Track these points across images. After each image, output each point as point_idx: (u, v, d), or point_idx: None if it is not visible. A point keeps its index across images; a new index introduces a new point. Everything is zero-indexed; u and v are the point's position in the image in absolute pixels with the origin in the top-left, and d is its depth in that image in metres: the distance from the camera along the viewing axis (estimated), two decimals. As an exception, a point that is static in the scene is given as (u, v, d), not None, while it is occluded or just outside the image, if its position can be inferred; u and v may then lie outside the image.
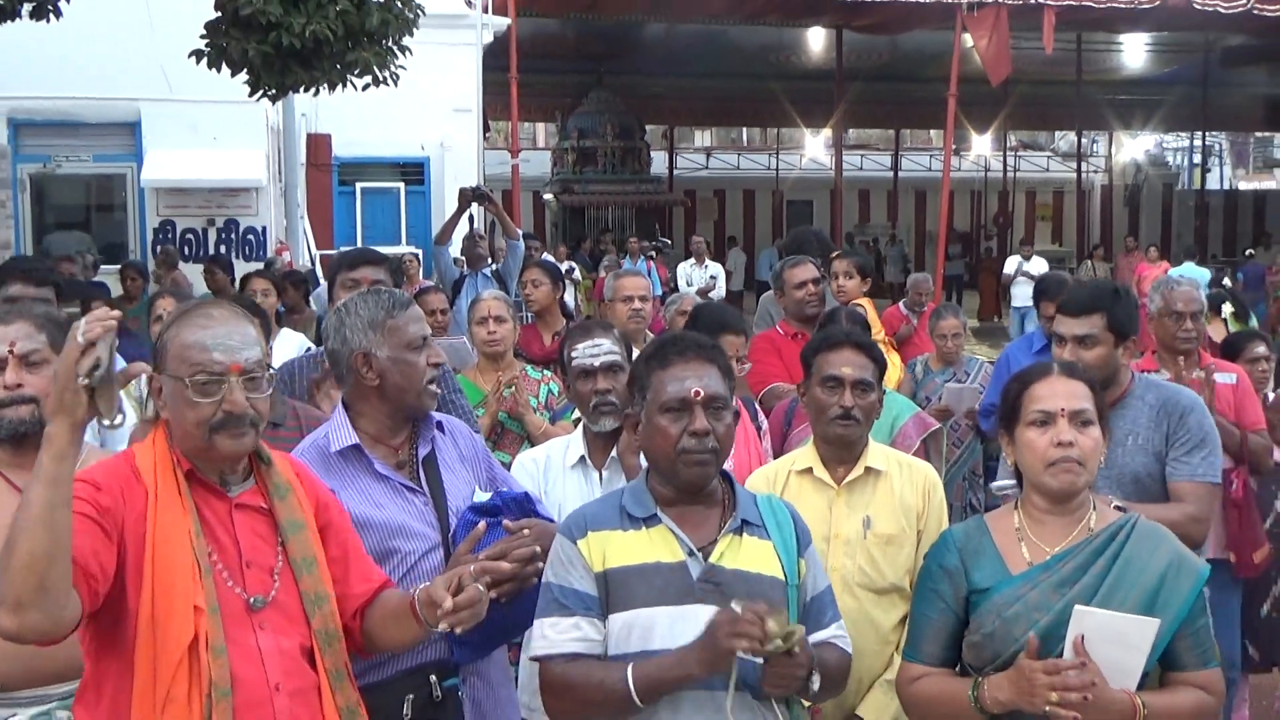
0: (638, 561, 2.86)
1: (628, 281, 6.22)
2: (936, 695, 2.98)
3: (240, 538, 2.63)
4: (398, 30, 10.42)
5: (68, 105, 16.43)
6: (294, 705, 2.56)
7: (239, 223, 17.29)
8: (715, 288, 16.93)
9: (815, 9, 21.03)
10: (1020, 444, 3.00)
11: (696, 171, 35.78)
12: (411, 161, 20.20)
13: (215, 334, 2.58)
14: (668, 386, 2.90)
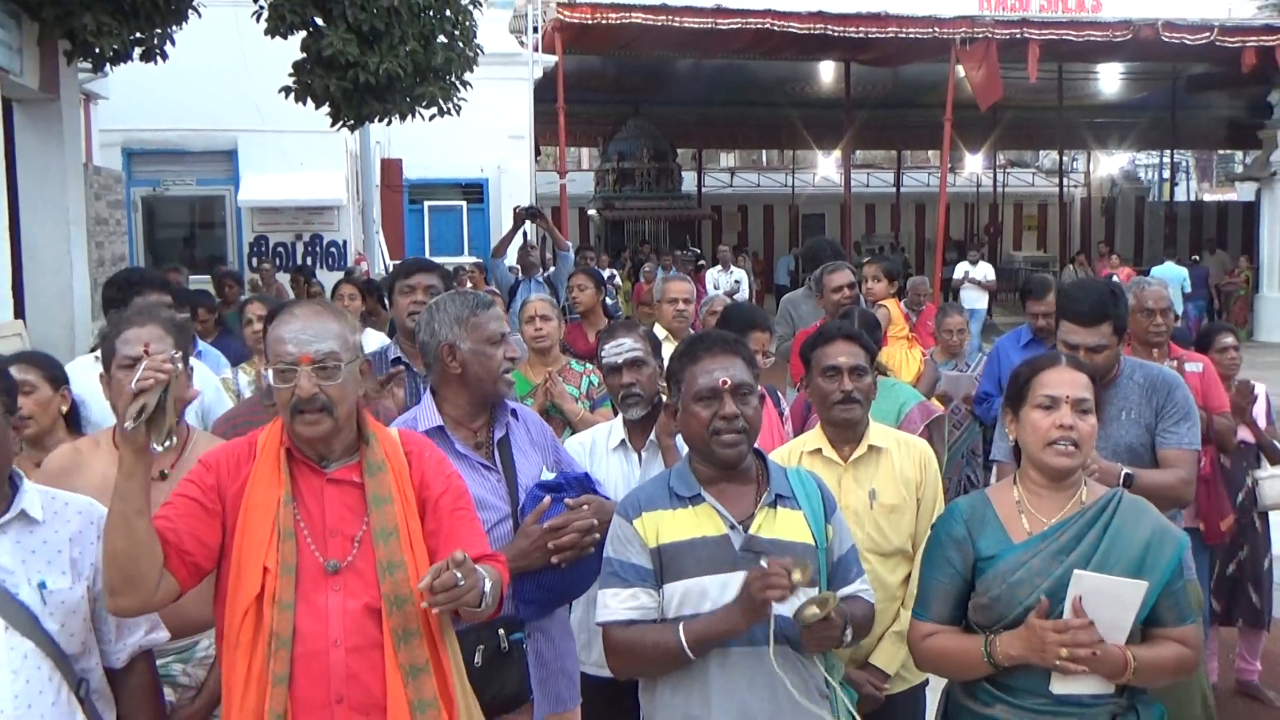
0: (686, 537, 2.88)
1: (674, 286, 6.24)
2: (948, 649, 2.95)
3: (328, 508, 2.65)
4: (460, 67, 10.45)
5: (174, 136, 16.55)
6: (350, 659, 2.56)
7: (323, 237, 17.39)
8: (739, 290, 16.88)
9: (826, 45, 20.93)
10: (1025, 424, 2.97)
11: (722, 189, 35.78)
12: (472, 182, 20.28)
13: (292, 329, 2.66)
14: (699, 379, 2.93)
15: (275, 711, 2.47)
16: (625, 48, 21.02)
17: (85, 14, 7.85)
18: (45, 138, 9.47)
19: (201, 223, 17.78)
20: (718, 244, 24.07)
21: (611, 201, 27.47)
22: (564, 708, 3.35)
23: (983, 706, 2.92)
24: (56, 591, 2.60)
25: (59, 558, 2.64)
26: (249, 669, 2.50)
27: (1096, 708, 2.82)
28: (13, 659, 2.53)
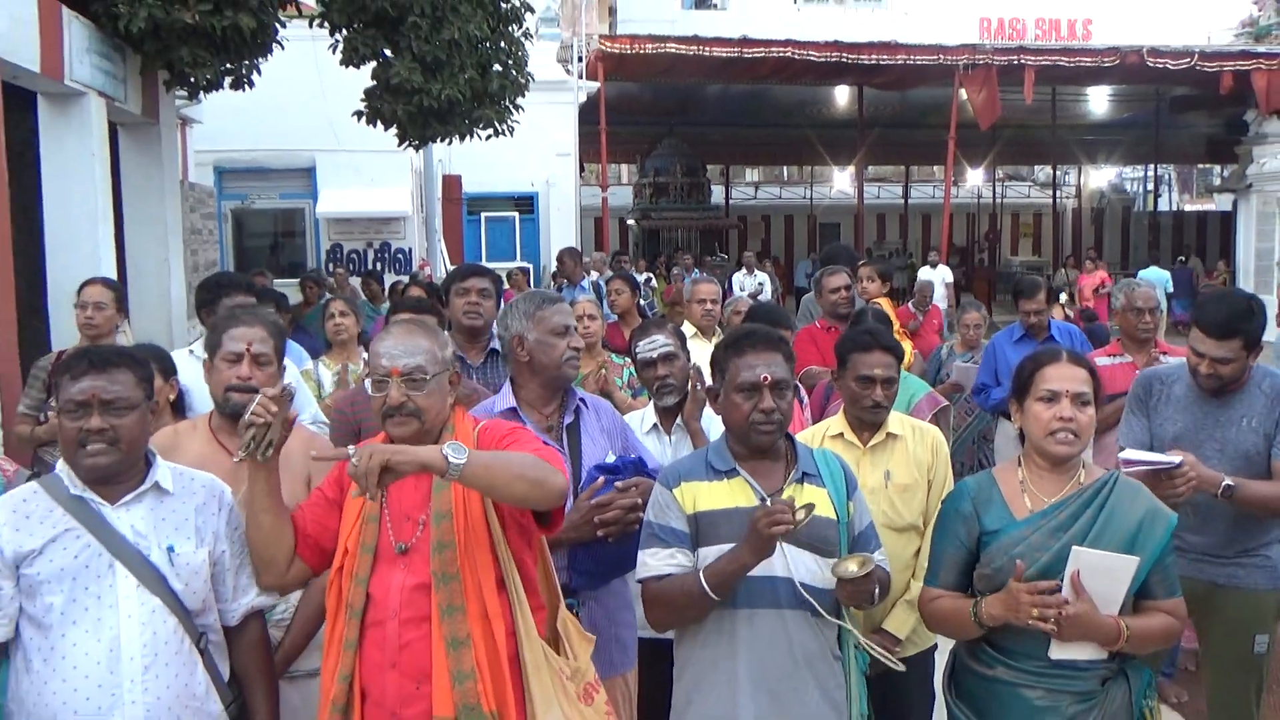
0: (721, 506, 2.87)
1: (702, 287, 6.19)
2: (948, 611, 2.95)
3: (404, 496, 2.68)
4: (513, 93, 10.46)
5: (259, 155, 16.67)
6: (404, 630, 2.60)
7: (391, 244, 17.47)
8: (763, 291, 16.81)
9: (841, 71, 20.84)
10: (1028, 414, 2.94)
11: (747, 201, 35.70)
12: (524, 195, 20.30)
13: (387, 344, 2.72)
14: (742, 372, 2.91)
15: (344, 672, 2.55)
16: (660, 75, 21.01)
17: (182, 47, 7.91)
18: (146, 158, 9.55)
19: (283, 232, 17.92)
20: (743, 250, 23.97)
21: (648, 212, 27.44)
22: (615, 671, 3.32)
23: (985, 668, 2.91)
24: (182, 555, 2.64)
25: (185, 525, 2.68)
26: (333, 634, 2.60)
27: (1090, 672, 2.81)
28: (142, 613, 2.56)
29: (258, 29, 8.21)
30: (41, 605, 2.53)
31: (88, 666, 2.51)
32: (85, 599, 2.53)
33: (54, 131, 7.56)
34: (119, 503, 2.61)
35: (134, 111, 8.77)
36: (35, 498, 2.61)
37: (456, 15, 9.58)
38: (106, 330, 5.21)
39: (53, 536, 2.55)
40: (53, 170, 7.58)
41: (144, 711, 2.52)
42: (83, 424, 2.54)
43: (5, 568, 2.53)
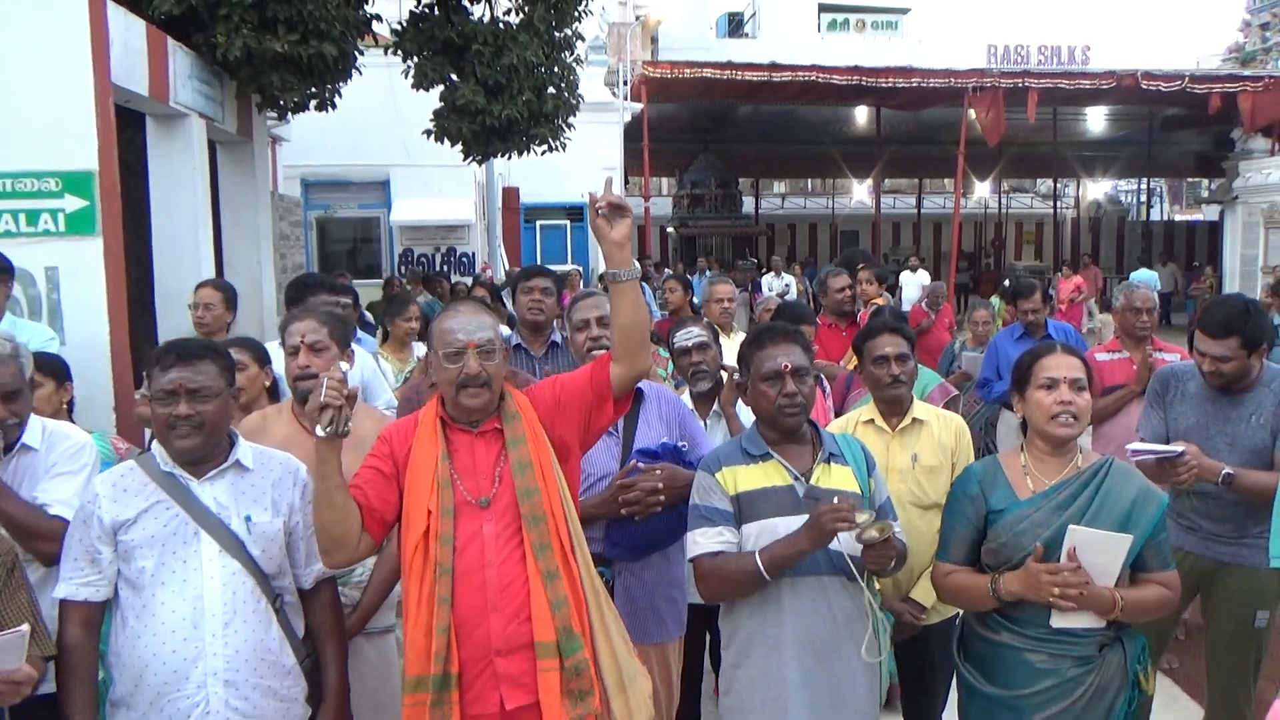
0: (759, 486, 2.86)
1: (718, 288, 6.09)
2: (963, 585, 2.92)
3: (477, 457, 2.66)
4: (565, 113, 10.46)
5: (340, 169, 16.81)
6: (501, 573, 2.57)
7: (456, 249, 17.56)
8: (789, 291, 16.72)
9: (861, 93, 20.74)
10: (1030, 402, 2.91)
11: (774, 210, 35.51)
12: (574, 205, 20.30)
13: (459, 321, 2.68)
14: (765, 363, 2.92)
15: (440, 626, 2.48)
16: (697, 97, 20.98)
17: (273, 73, 7.97)
18: (241, 172, 9.64)
19: (361, 238, 18.06)
20: (771, 255, 23.87)
21: (686, 221, 27.41)
22: (649, 640, 3.25)
23: (992, 634, 2.89)
24: (259, 524, 2.65)
25: (263, 498, 2.69)
26: (420, 592, 2.52)
27: (1088, 638, 2.77)
28: (223, 574, 2.58)
29: (339, 56, 8.26)
30: (135, 568, 2.56)
31: (175, 622, 2.54)
32: (173, 562, 2.56)
33: (161, 149, 7.64)
34: (204, 478, 2.64)
35: (230, 131, 8.85)
36: (131, 473, 2.65)
37: (515, 44, 9.59)
38: (216, 327, 5.25)
39: (145, 507, 2.58)
40: (160, 183, 7.66)
41: (224, 663, 2.55)
42: (171, 410, 2.57)
43: (105, 534, 2.57)
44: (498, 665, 2.54)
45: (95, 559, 2.57)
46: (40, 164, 5.77)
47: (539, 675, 2.53)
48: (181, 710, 2.52)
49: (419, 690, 2.49)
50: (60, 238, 5.83)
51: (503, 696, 2.53)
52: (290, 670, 2.68)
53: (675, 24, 25.83)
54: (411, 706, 2.49)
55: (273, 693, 2.62)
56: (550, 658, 2.54)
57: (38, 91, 5.74)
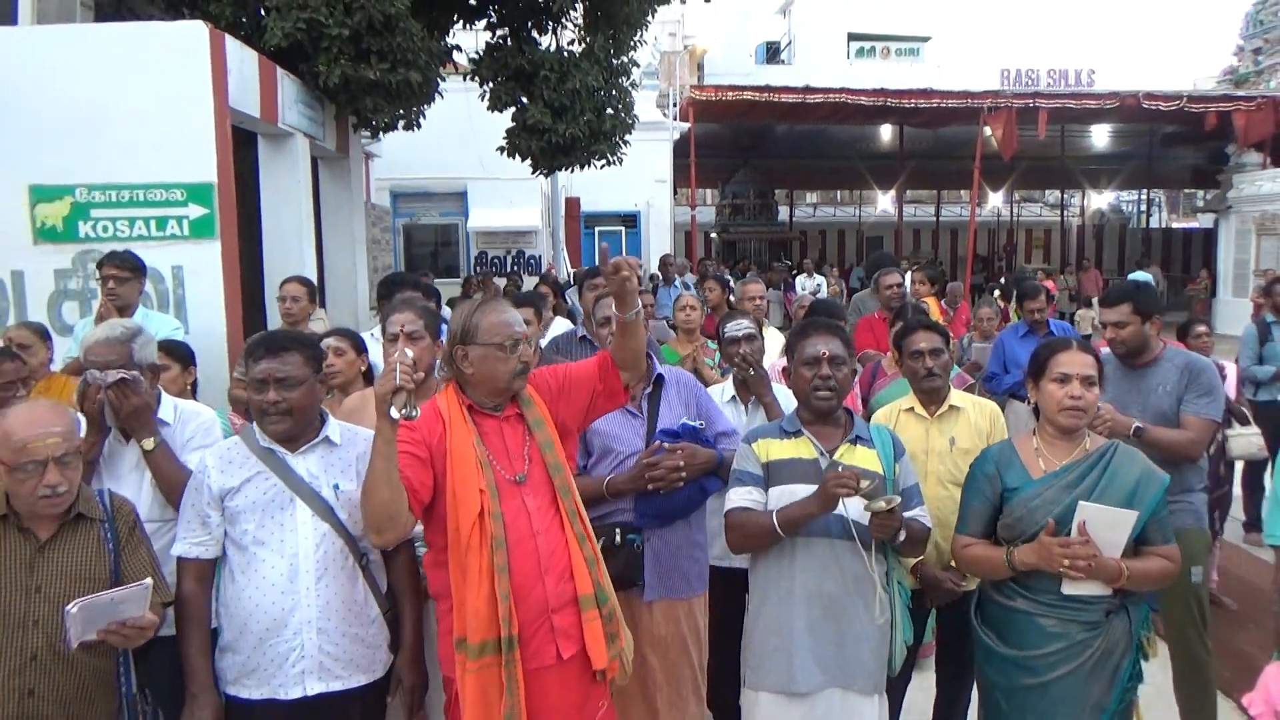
0: (788, 457, 2.87)
1: (750, 287, 6.02)
2: (980, 556, 2.87)
3: (506, 438, 2.64)
4: (622, 131, 10.42)
5: (424, 182, 16.95)
6: (546, 540, 2.56)
7: (525, 252, 17.62)
8: (821, 291, 16.55)
9: (885, 113, 20.44)
10: (1043, 392, 2.85)
11: (807, 218, 35.22)
12: (629, 213, 20.30)
13: (511, 315, 2.66)
14: (806, 349, 2.92)
15: (503, 592, 2.46)
16: (738, 117, 20.82)
17: (366, 97, 8.03)
18: (339, 184, 9.73)
19: (442, 242, 18.19)
20: (803, 258, 23.66)
21: (727, 227, 27.29)
22: (677, 595, 3.22)
23: (1007, 600, 2.83)
24: (345, 492, 2.66)
25: (349, 469, 2.70)
26: (479, 565, 2.47)
27: (1095, 605, 2.71)
28: (315, 536, 2.61)
29: (424, 83, 8.29)
30: (240, 530, 2.60)
31: (274, 577, 2.57)
32: (272, 525, 2.60)
33: (270, 164, 7.73)
34: (298, 451, 2.66)
35: (330, 148, 8.94)
36: (236, 446, 2.68)
37: (578, 70, 9.57)
38: (301, 318, 5.29)
39: (248, 477, 2.62)
40: (269, 194, 7.76)
41: (316, 613, 2.58)
42: (264, 397, 2.59)
43: (214, 500, 2.61)
44: (554, 621, 2.54)
45: (205, 521, 2.61)
46: (168, 177, 5.87)
47: (584, 625, 2.56)
48: (281, 653, 2.56)
49: (484, 654, 2.45)
50: (184, 241, 5.93)
51: (559, 648, 2.54)
52: (374, 620, 2.70)
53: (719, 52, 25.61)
54: (478, 671, 2.45)
55: (359, 639, 2.65)
56: (592, 608, 2.58)
57: (167, 114, 5.84)
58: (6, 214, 5.75)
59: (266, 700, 2.57)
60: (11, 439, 2.34)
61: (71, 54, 5.82)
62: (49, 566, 2.41)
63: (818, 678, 2.80)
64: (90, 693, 2.44)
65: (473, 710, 2.45)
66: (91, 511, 2.50)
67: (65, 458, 2.38)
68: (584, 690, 2.60)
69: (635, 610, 3.13)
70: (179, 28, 6.03)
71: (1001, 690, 2.84)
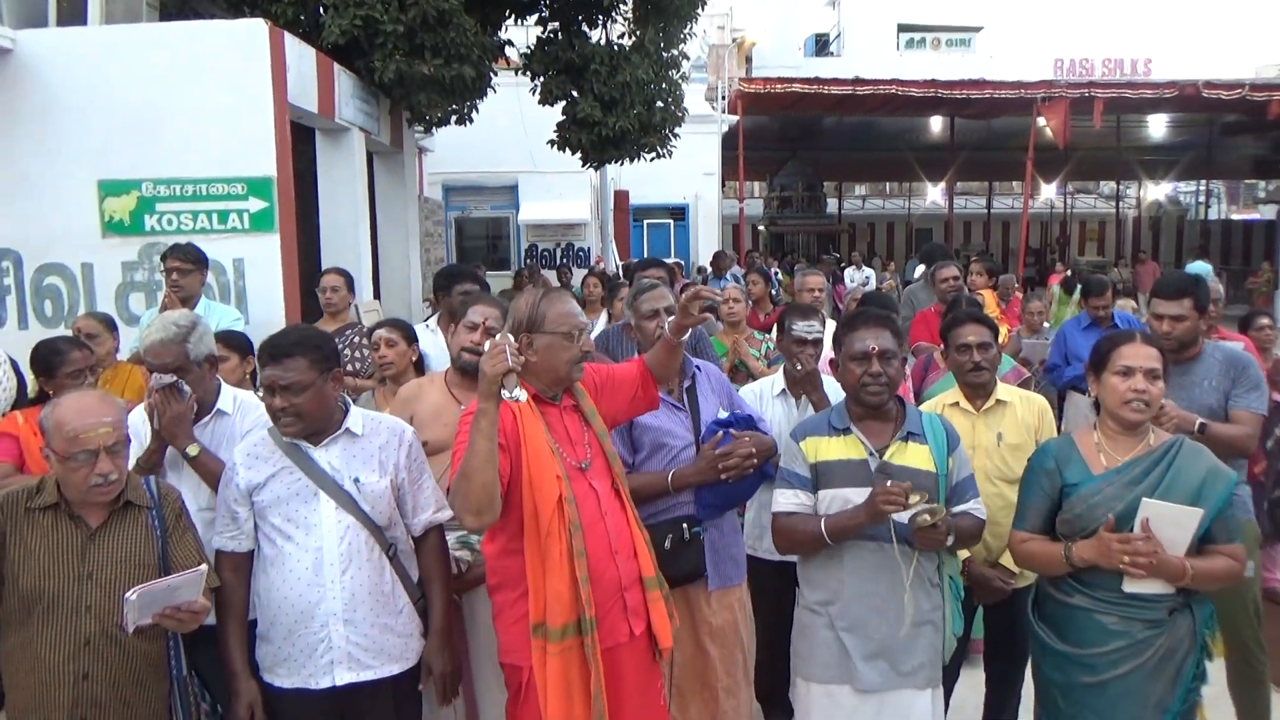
0: (837, 457, 2.79)
1: (810, 279, 6.00)
2: (1038, 552, 2.79)
3: (569, 427, 2.65)
4: (671, 124, 10.38)
5: (476, 176, 17.05)
6: (614, 521, 2.60)
7: (574, 245, 17.67)
8: (869, 283, 16.34)
9: (936, 104, 20.07)
10: (1105, 386, 2.74)
11: (856, 210, 34.78)
12: (677, 206, 20.23)
13: (573, 306, 2.68)
14: (855, 344, 2.84)
15: (583, 575, 2.47)
16: (787, 109, 20.58)
17: (420, 93, 8.09)
18: (393, 178, 9.83)
19: (493, 235, 18.30)
20: (852, 251, 23.38)
21: (775, 220, 27.05)
22: (729, 583, 3.24)
23: (1065, 596, 2.75)
24: (367, 484, 2.66)
25: (370, 460, 2.69)
26: (560, 550, 2.48)
27: (1158, 603, 2.62)
28: (339, 528, 2.61)
29: (477, 77, 8.34)
30: (268, 524, 2.63)
31: (300, 570, 2.59)
32: (297, 518, 2.61)
33: (327, 158, 7.83)
34: (320, 445, 2.66)
35: (385, 142, 9.03)
36: (263, 442, 2.69)
37: (628, 64, 9.55)
38: (341, 307, 5.38)
39: (274, 472, 2.63)
40: (326, 187, 7.86)
41: (342, 605, 2.59)
42: (271, 403, 2.59)
43: (241, 496, 2.63)
44: (625, 599, 2.58)
45: (235, 516, 2.64)
46: (229, 171, 5.97)
47: (650, 605, 2.61)
48: (310, 644, 2.58)
49: (566, 637, 2.46)
50: (245, 234, 6.02)
51: (630, 625, 2.58)
52: (403, 609, 2.70)
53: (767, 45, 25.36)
54: (560, 654, 2.46)
55: (388, 629, 2.66)
56: (655, 589, 2.63)
57: (228, 110, 5.94)
58: (77, 208, 5.90)
59: (298, 689, 2.60)
60: (64, 429, 2.37)
61: (137, 53, 5.94)
62: (100, 553, 2.45)
63: (873, 675, 2.75)
64: (142, 676, 2.48)
65: (555, 693, 2.46)
66: (139, 499, 2.54)
67: (115, 447, 2.42)
68: (648, 669, 2.66)
69: (695, 602, 3.13)
70: (240, 26, 6.12)
71: (1059, 687, 2.77)
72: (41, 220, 5.91)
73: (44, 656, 2.37)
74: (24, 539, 2.41)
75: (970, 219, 32.57)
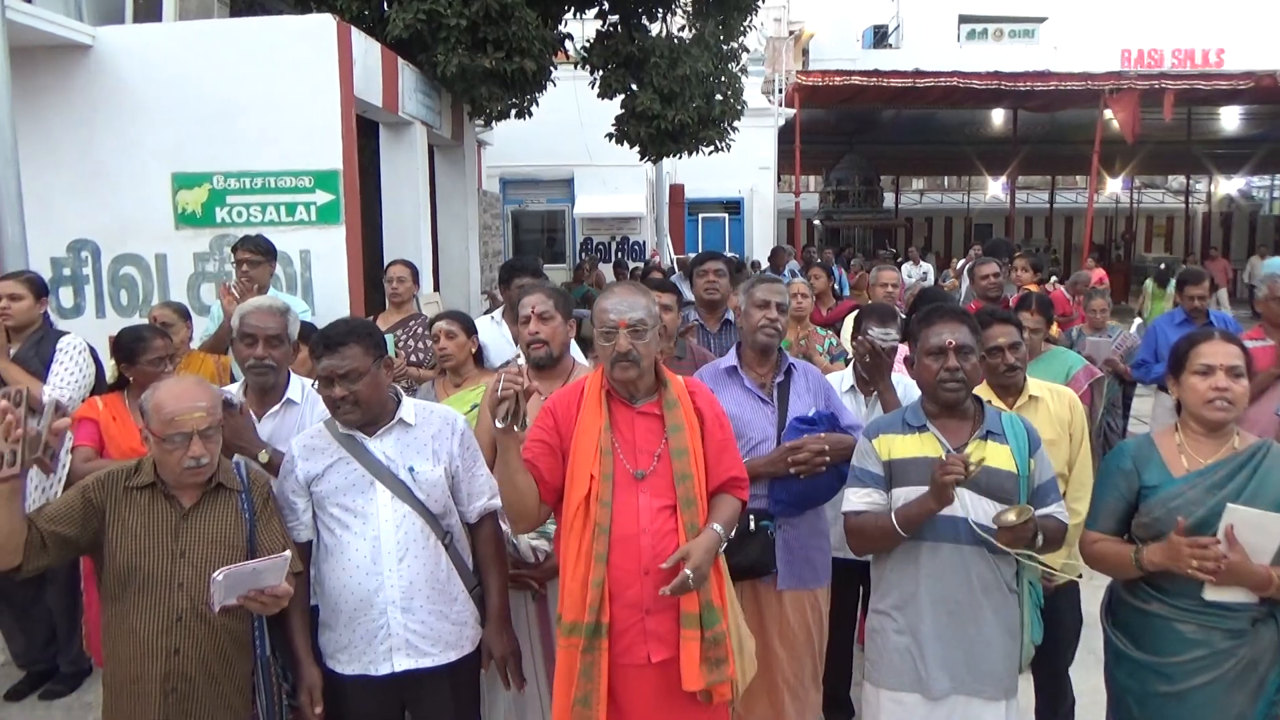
0: (912, 455, 2.71)
1: (885, 274, 5.91)
2: (1109, 553, 2.70)
3: (637, 432, 2.59)
4: (731, 117, 10.33)
5: (532, 169, 17.13)
6: (654, 543, 2.51)
7: (629, 239, 17.68)
8: (926, 278, 16.11)
9: (999, 97, 19.60)
10: (1185, 386, 2.64)
11: (913, 205, 34.21)
12: (732, 200, 20.11)
13: (612, 301, 2.61)
14: (931, 339, 2.75)
15: (596, 580, 2.45)
16: (845, 102, 20.29)
17: (481, 86, 8.15)
18: (454, 171, 9.93)
19: (549, 229, 18.39)
20: (908, 246, 23.05)
21: (830, 214, 26.76)
22: (804, 585, 3.17)
23: (1142, 602, 2.66)
24: (421, 473, 2.68)
25: (424, 449, 2.71)
26: (579, 548, 2.48)
27: (1240, 612, 2.52)
28: (395, 517, 2.64)
29: (537, 71, 8.37)
30: (326, 514, 2.66)
31: (358, 559, 2.61)
32: (355, 508, 2.63)
33: (391, 151, 7.93)
34: (375, 435, 2.68)
35: (446, 136, 9.11)
36: (319, 434, 2.72)
37: (689, 56, 9.52)
38: (406, 297, 5.43)
39: (330, 463, 2.66)
40: (389, 181, 7.96)
41: (399, 593, 2.61)
42: (330, 393, 2.62)
43: (299, 487, 2.67)
44: (647, 623, 2.51)
45: (294, 507, 2.69)
46: (297, 164, 6.08)
47: (681, 642, 2.49)
48: (369, 631, 2.62)
49: (572, 635, 2.47)
50: (311, 226, 6.13)
51: (649, 652, 2.51)
52: (458, 597, 2.72)
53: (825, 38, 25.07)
54: (565, 648, 2.49)
55: (445, 617, 2.68)
56: (692, 628, 2.49)
57: (296, 104, 6.04)
58: (153, 200, 6.05)
59: (360, 676, 2.64)
60: (162, 411, 2.46)
61: (210, 48, 6.07)
62: (191, 533, 2.52)
63: (946, 683, 2.69)
64: (228, 653, 2.55)
65: (560, 683, 2.49)
66: (230, 482, 2.61)
67: (208, 431, 2.49)
68: (684, 700, 2.53)
69: (764, 599, 3.10)
70: (309, 21, 6.22)
71: (1134, 696, 2.69)
72: (118, 212, 6.07)
73: (138, 630, 2.46)
74: (122, 516, 2.49)
75: (1031, 214, 31.86)
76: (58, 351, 4.16)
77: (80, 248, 6.12)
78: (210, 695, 2.51)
